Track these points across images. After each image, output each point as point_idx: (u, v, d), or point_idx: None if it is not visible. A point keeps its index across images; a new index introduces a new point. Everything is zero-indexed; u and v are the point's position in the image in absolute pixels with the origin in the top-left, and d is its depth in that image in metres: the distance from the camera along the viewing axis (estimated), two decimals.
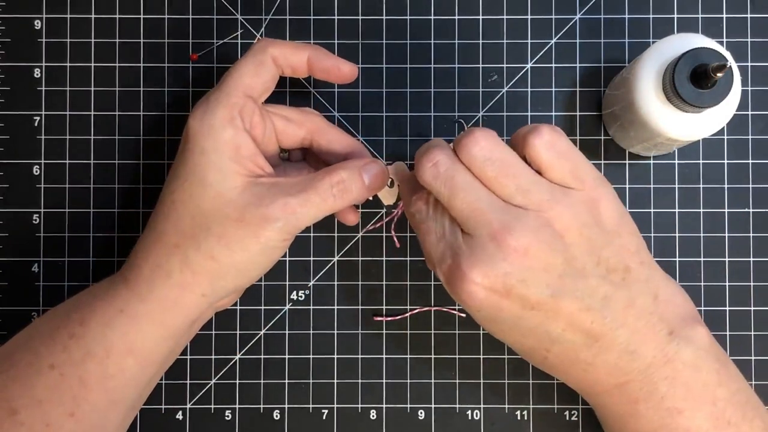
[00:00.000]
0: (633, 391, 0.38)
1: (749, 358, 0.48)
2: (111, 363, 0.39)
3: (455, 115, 0.49)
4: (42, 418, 0.39)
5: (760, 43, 0.49)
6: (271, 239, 0.39)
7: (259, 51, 0.42)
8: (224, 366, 0.49)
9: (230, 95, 0.41)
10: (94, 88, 0.49)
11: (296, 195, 0.39)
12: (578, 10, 0.49)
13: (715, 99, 0.39)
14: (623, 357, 0.38)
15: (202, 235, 0.39)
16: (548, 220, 0.36)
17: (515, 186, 0.37)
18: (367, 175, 0.41)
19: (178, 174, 0.41)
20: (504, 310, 0.37)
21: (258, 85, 0.42)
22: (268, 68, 0.42)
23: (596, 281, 0.37)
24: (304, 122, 0.44)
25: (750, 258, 0.49)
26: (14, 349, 0.40)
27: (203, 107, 0.41)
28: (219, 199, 0.39)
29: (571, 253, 0.37)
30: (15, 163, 0.49)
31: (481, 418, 0.48)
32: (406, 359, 0.49)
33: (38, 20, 0.49)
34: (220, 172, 0.39)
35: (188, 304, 0.40)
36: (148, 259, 0.40)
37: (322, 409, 0.49)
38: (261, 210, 0.39)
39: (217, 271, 0.39)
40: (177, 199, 0.40)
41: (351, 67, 0.44)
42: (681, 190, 0.49)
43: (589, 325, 0.37)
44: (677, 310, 0.39)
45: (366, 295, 0.49)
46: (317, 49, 0.43)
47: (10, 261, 0.49)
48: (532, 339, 0.38)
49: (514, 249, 0.36)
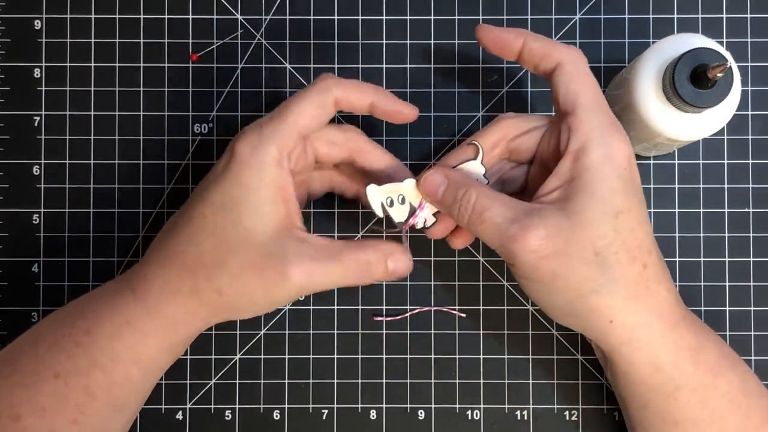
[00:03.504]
0: (694, 321, 0.40)
1: (749, 358, 0.48)
2: (117, 373, 0.39)
3: (454, 114, 0.49)
4: (45, 425, 0.39)
5: (760, 43, 0.49)
6: (280, 296, 0.39)
7: (323, 90, 0.40)
8: (224, 366, 0.49)
9: (285, 135, 0.39)
10: (94, 88, 0.49)
11: (320, 263, 0.39)
12: (578, 10, 0.49)
13: (715, 99, 0.39)
14: (676, 294, 0.40)
15: (217, 271, 0.38)
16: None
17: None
18: (393, 264, 0.40)
19: (212, 198, 0.39)
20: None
21: (314, 126, 0.40)
22: (328, 110, 0.40)
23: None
24: (345, 143, 0.43)
25: (750, 258, 0.49)
26: (18, 354, 0.40)
27: (255, 137, 0.39)
28: (247, 239, 0.38)
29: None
30: (15, 163, 0.49)
31: (481, 418, 0.48)
32: (406, 359, 0.49)
33: (38, 20, 0.49)
34: (256, 212, 0.38)
35: (189, 325, 0.40)
36: (159, 274, 0.39)
37: (322, 409, 0.49)
38: (282, 267, 0.38)
39: (220, 305, 0.39)
40: (206, 226, 0.39)
41: (412, 110, 0.42)
42: (681, 190, 0.49)
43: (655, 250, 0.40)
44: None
45: (366, 295, 0.49)
46: (381, 93, 0.42)
47: (10, 261, 0.49)
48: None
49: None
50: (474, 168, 0.42)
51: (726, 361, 0.40)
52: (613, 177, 0.37)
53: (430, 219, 0.42)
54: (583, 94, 0.39)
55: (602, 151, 0.38)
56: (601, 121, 0.38)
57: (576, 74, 0.39)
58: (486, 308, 0.49)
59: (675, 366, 0.39)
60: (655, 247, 0.39)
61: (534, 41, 0.40)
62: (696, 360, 0.39)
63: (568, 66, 0.39)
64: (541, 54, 0.40)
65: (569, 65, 0.39)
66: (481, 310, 0.49)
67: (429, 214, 0.42)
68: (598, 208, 0.37)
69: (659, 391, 0.39)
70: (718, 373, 0.39)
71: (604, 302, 0.38)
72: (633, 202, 0.38)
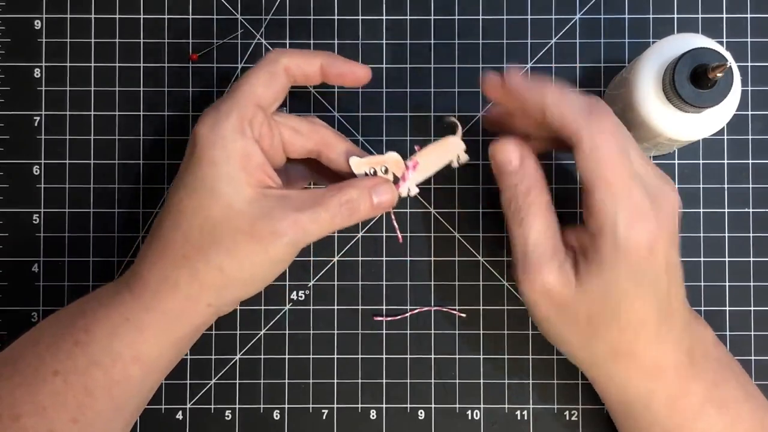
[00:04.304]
0: (685, 369, 0.40)
1: (749, 358, 0.48)
2: (116, 371, 0.39)
3: (455, 115, 0.49)
4: (45, 424, 0.38)
5: (760, 43, 0.49)
6: (280, 254, 0.39)
7: (271, 61, 0.41)
8: (224, 366, 0.49)
9: (241, 105, 0.40)
10: (94, 88, 0.49)
11: (306, 211, 0.39)
12: (578, 10, 0.49)
13: (715, 99, 0.39)
14: (682, 334, 0.40)
15: (213, 248, 0.39)
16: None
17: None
18: (377, 196, 0.41)
19: (186, 183, 0.40)
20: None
21: (269, 95, 0.41)
22: (280, 79, 0.41)
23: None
24: (312, 134, 0.43)
25: (750, 258, 0.49)
26: (19, 354, 0.40)
27: (213, 116, 0.40)
28: (229, 210, 0.39)
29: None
30: (15, 163, 0.49)
31: (481, 418, 0.48)
32: (406, 359, 0.49)
33: (38, 20, 0.49)
34: (230, 183, 0.39)
35: (194, 314, 0.40)
36: (154, 270, 0.40)
37: (322, 409, 0.49)
38: (271, 225, 0.38)
39: (224, 282, 0.39)
40: (185, 209, 0.39)
41: (365, 69, 0.43)
42: (681, 190, 0.49)
43: (678, 296, 0.40)
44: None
45: (366, 295, 0.49)
46: (330, 56, 0.42)
47: (10, 261, 0.49)
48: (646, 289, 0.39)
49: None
50: (454, 143, 0.43)
51: (712, 405, 0.41)
52: (621, 269, 0.38)
53: (414, 189, 0.43)
54: (602, 179, 0.37)
55: (613, 242, 0.37)
56: (622, 206, 0.37)
57: (593, 156, 0.38)
58: (486, 308, 0.49)
59: (648, 409, 0.41)
60: (658, 314, 0.39)
61: (553, 107, 0.39)
62: (674, 405, 0.41)
63: (586, 145, 0.38)
64: (559, 126, 0.39)
65: (587, 144, 0.38)
66: (481, 310, 0.49)
67: (413, 184, 0.43)
68: (600, 287, 0.38)
69: (635, 423, 0.43)
70: (699, 416, 0.41)
71: (580, 356, 0.42)
72: (640, 288, 0.38)
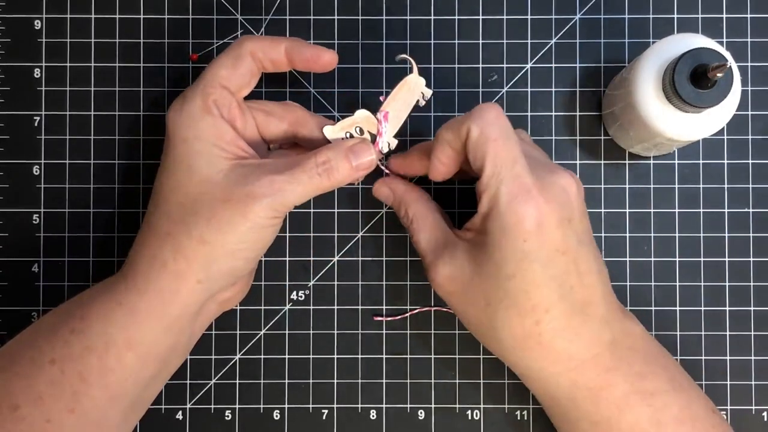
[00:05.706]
0: (605, 361, 0.40)
1: (749, 358, 0.48)
2: (110, 357, 0.39)
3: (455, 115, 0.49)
4: (42, 413, 0.39)
5: (760, 43, 0.49)
6: (259, 216, 0.39)
7: (236, 46, 0.42)
8: (224, 366, 0.49)
9: (206, 86, 0.41)
10: (94, 88, 0.49)
11: (282, 172, 0.40)
12: (578, 10, 0.49)
13: (715, 99, 0.39)
14: (602, 327, 0.40)
15: (192, 219, 0.39)
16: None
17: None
18: (354, 156, 0.42)
19: (165, 166, 0.41)
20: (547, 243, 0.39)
21: (235, 77, 0.42)
22: (246, 62, 0.42)
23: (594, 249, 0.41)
24: (285, 115, 0.44)
25: (750, 258, 0.49)
26: (17, 347, 0.41)
27: (180, 100, 0.41)
28: (205, 183, 0.40)
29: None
30: (15, 163, 0.49)
31: (481, 418, 0.48)
32: (406, 359, 0.49)
33: (38, 20, 0.49)
34: (204, 158, 0.40)
35: (185, 293, 0.40)
36: (143, 252, 0.40)
37: (322, 409, 0.49)
38: (247, 188, 0.39)
39: (209, 254, 0.39)
40: (165, 189, 0.41)
41: (331, 54, 0.43)
42: (681, 190, 0.49)
43: (591, 288, 0.39)
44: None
45: (366, 295, 0.49)
46: (294, 41, 0.43)
47: (10, 261, 0.49)
48: (547, 289, 0.39)
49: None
50: (414, 81, 0.44)
51: (637, 396, 0.40)
52: (508, 247, 0.38)
53: (393, 142, 0.44)
54: (487, 160, 0.38)
55: (501, 222, 0.38)
56: (506, 183, 0.38)
57: (479, 141, 0.39)
58: None
59: (573, 402, 0.41)
60: (564, 303, 0.39)
61: (443, 129, 0.41)
62: (597, 397, 0.40)
63: (473, 133, 0.39)
64: (454, 137, 0.40)
65: (473, 132, 0.39)
66: None
67: (390, 138, 0.44)
68: (492, 269, 0.39)
69: (564, 418, 0.42)
70: (625, 407, 0.40)
71: (493, 346, 0.42)
72: (531, 267, 0.38)
